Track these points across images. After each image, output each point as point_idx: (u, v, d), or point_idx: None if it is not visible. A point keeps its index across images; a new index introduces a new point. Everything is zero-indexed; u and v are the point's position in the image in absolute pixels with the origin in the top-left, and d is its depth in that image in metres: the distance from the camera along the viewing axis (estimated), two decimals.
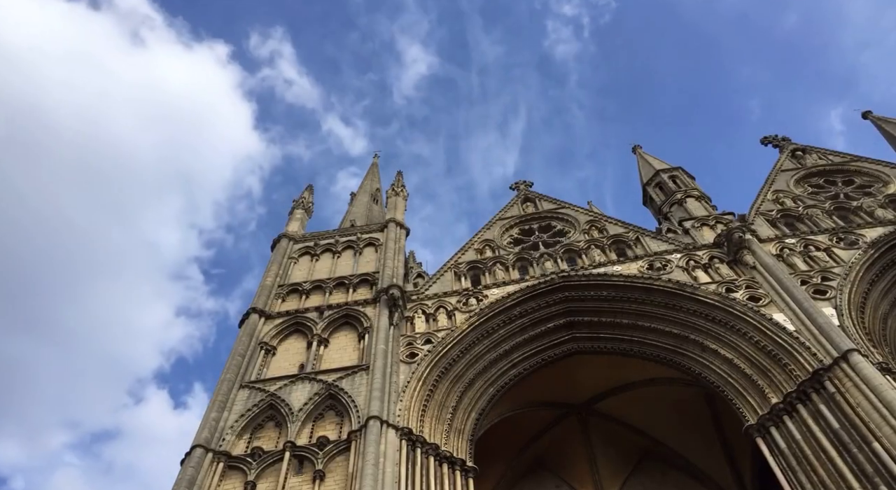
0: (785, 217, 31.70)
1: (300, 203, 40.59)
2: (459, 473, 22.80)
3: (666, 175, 38.95)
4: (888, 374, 20.71)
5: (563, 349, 27.59)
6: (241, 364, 25.86)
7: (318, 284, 31.24)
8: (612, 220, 34.34)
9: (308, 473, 21.05)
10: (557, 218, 36.28)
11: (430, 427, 23.39)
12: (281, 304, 30.02)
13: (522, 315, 27.76)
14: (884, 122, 41.55)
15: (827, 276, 25.89)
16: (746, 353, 23.87)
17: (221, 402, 23.82)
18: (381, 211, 47.33)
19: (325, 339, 27.36)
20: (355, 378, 24.43)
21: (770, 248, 28.27)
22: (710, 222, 31.99)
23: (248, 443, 22.67)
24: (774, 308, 24.56)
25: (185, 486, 20.37)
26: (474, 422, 25.02)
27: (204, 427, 22.69)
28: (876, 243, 27.37)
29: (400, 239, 34.47)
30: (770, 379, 22.88)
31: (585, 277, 28.58)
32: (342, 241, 35.04)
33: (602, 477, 30.89)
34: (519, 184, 41.31)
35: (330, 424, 23.04)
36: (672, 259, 29.01)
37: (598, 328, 27.63)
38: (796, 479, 20.44)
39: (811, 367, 21.77)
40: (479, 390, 25.81)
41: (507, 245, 34.17)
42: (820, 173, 36.48)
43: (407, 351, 26.03)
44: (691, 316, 25.87)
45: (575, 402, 30.96)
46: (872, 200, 31.93)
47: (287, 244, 34.94)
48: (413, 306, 28.98)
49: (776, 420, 21.88)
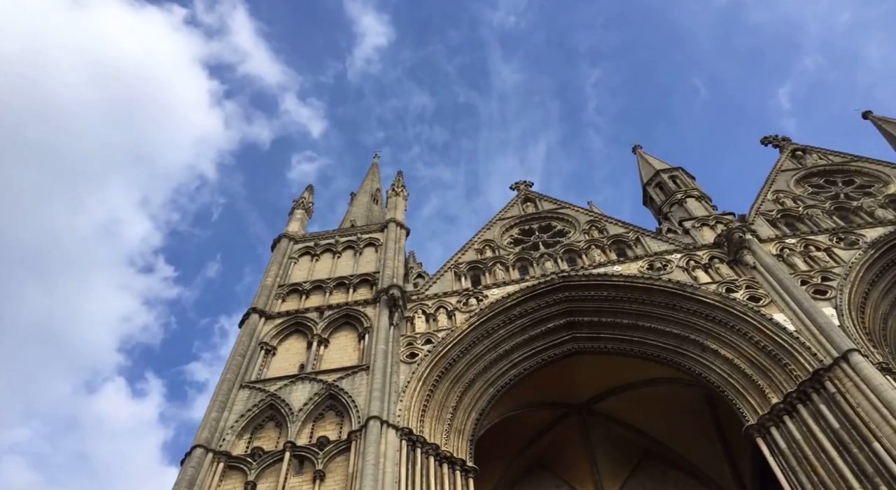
0: (785, 217, 31.69)
1: (300, 203, 40.56)
2: (459, 473, 22.81)
3: (666, 175, 38.95)
4: (888, 374, 20.71)
5: (564, 349, 27.60)
6: (242, 364, 25.88)
7: (319, 284, 31.26)
8: (612, 220, 34.34)
9: (308, 473, 21.06)
10: (557, 218, 36.29)
11: (430, 427, 23.39)
12: (281, 305, 30.05)
13: (522, 315, 27.77)
14: (884, 122, 41.55)
15: (827, 276, 25.88)
16: (747, 353, 23.87)
17: (222, 403, 23.83)
18: (381, 211, 47.36)
19: (326, 340, 27.38)
20: (355, 378, 24.45)
21: (770, 249, 28.27)
22: (710, 222, 31.99)
23: (249, 443, 22.68)
24: (775, 308, 24.57)
25: (185, 486, 20.38)
26: (474, 422, 25.03)
27: (204, 427, 22.69)
28: (876, 243, 27.37)
29: (400, 239, 34.49)
30: (770, 379, 22.88)
31: (586, 277, 28.59)
32: (342, 242, 35.07)
33: (602, 477, 30.91)
34: (519, 184, 41.15)
35: (330, 424, 23.05)
36: (672, 259, 29.01)
37: (598, 328, 27.63)
38: (796, 479, 20.43)
39: (811, 367, 21.77)
40: (479, 390, 25.82)
41: (507, 245, 34.17)
42: (820, 173, 36.47)
43: (407, 351, 26.03)
44: (691, 316, 25.87)
45: (575, 402, 30.97)
46: (872, 200, 31.93)
47: (287, 244, 34.96)
48: (413, 306, 28.99)
49: (776, 420, 21.87)
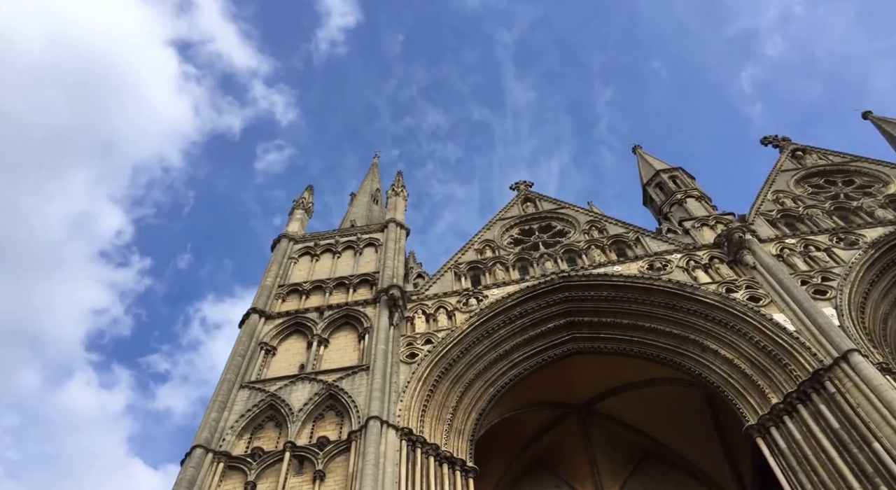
0: (785, 217, 31.69)
1: (300, 203, 40.58)
2: (459, 474, 22.81)
3: (666, 175, 38.95)
4: (888, 374, 20.71)
5: (564, 349, 27.59)
6: (242, 364, 25.88)
7: (319, 285, 31.26)
8: (612, 220, 34.33)
9: (308, 474, 21.06)
10: (557, 218, 36.28)
11: (430, 427, 23.39)
12: (281, 305, 30.05)
13: (522, 315, 27.76)
14: (884, 122, 41.56)
15: (827, 277, 25.88)
16: (747, 353, 23.87)
17: (221, 403, 23.83)
18: (381, 211, 47.34)
19: (326, 340, 27.38)
20: (355, 378, 24.45)
21: (770, 249, 28.27)
22: (710, 222, 31.98)
23: (249, 443, 22.67)
24: (775, 308, 24.56)
25: (185, 487, 20.38)
26: (474, 422, 25.02)
27: (204, 427, 22.69)
28: (876, 243, 27.37)
29: (400, 239, 34.49)
30: (770, 379, 22.88)
31: (586, 278, 28.58)
32: (342, 242, 35.07)
33: (602, 477, 30.90)
34: (519, 184, 41.12)
35: (330, 425, 23.05)
36: (672, 259, 29.01)
37: (598, 328, 27.62)
38: (796, 480, 20.43)
39: (811, 367, 21.76)
40: (479, 390, 25.81)
41: (507, 245, 34.16)
42: (820, 173, 36.46)
43: (407, 351, 26.03)
44: (691, 316, 25.87)
45: (575, 402, 30.97)
46: (872, 200, 31.92)
47: (287, 244, 34.97)
48: (413, 306, 28.98)
49: (776, 420, 21.87)
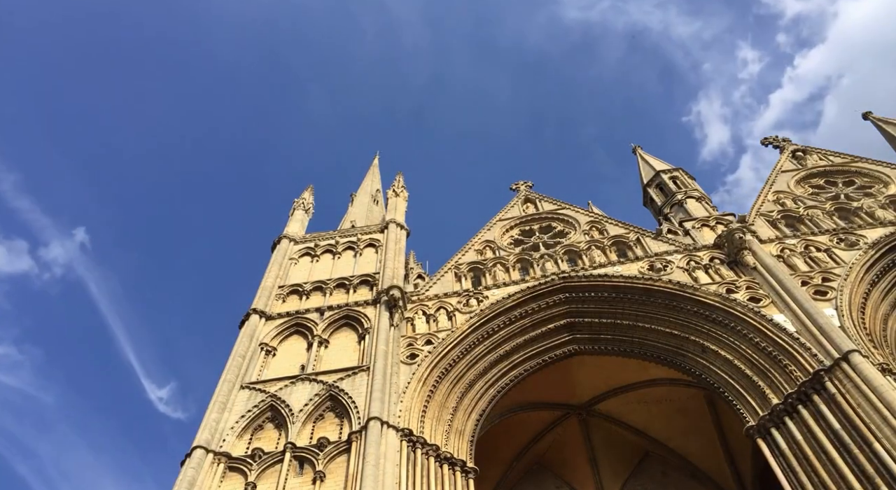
0: (785, 218, 31.66)
1: (300, 204, 40.56)
2: (460, 474, 22.79)
3: (666, 176, 38.98)
4: (889, 374, 20.68)
5: (564, 350, 27.56)
6: (242, 365, 25.86)
7: (319, 285, 31.24)
8: (612, 220, 34.30)
9: (308, 474, 21.04)
10: (558, 219, 36.25)
11: (430, 428, 23.37)
12: (281, 305, 30.02)
13: (523, 316, 27.73)
14: (884, 123, 41.52)
15: (827, 277, 25.85)
16: (747, 354, 23.83)
17: (222, 403, 23.83)
18: (381, 212, 47.33)
19: (326, 340, 27.37)
20: (356, 379, 24.43)
21: (770, 249, 28.24)
22: (710, 223, 31.98)
23: (249, 444, 22.66)
24: (775, 309, 24.54)
25: (185, 487, 20.36)
26: (475, 423, 25.00)
27: (204, 428, 22.68)
28: (876, 244, 27.34)
29: (400, 240, 34.47)
30: (771, 380, 22.85)
31: (586, 278, 28.55)
32: (342, 242, 35.05)
33: (602, 477, 30.96)
34: (519, 184, 41.05)
35: (330, 425, 23.03)
36: (672, 260, 28.99)
37: (598, 329, 27.60)
38: (797, 480, 20.40)
39: (812, 368, 21.74)
40: (479, 391, 25.80)
41: (507, 246, 34.15)
42: (820, 174, 36.42)
43: (407, 352, 26.02)
44: (692, 317, 25.84)
45: (575, 402, 31.01)
46: (873, 201, 31.89)
47: (287, 245, 34.94)
48: (413, 307, 28.97)
49: (777, 421, 21.84)
